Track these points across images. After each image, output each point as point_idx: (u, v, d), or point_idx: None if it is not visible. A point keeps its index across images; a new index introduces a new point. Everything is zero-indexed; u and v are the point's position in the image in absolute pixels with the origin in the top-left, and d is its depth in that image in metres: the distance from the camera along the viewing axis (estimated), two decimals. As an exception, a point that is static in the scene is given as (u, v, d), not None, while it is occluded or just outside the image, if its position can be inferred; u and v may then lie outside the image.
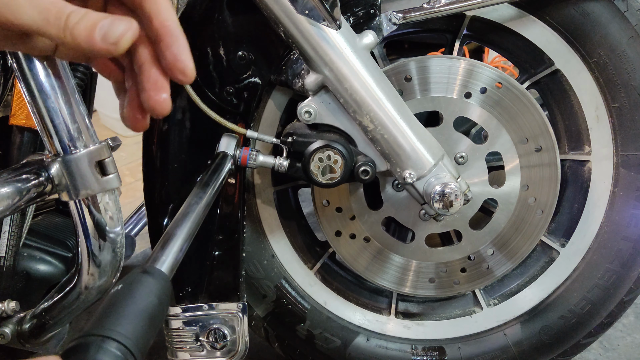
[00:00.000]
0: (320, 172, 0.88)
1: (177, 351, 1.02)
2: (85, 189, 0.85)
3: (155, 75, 0.48)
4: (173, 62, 0.45)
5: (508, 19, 0.98)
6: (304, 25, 0.80)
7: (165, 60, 0.45)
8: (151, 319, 0.42)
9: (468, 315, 1.15)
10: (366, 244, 1.06)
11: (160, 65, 0.48)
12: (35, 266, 1.08)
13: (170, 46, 0.45)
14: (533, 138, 0.98)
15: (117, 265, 0.93)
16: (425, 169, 0.88)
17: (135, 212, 1.58)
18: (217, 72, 0.92)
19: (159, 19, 0.45)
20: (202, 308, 1.01)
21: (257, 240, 1.11)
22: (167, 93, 0.48)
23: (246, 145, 0.94)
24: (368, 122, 0.85)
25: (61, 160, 0.84)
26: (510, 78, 0.96)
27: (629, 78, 0.96)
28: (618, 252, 1.05)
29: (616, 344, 1.35)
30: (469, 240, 1.04)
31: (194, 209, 0.65)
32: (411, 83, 0.96)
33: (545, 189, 1.01)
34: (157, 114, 0.48)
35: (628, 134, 1.00)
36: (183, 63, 0.45)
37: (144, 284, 0.45)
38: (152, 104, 0.48)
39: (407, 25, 0.99)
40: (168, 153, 0.96)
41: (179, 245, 0.56)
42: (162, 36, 0.45)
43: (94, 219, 0.87)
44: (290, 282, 1.13)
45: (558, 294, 1.10)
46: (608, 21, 0.94)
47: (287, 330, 1.14)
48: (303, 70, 0.89)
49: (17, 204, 0.79)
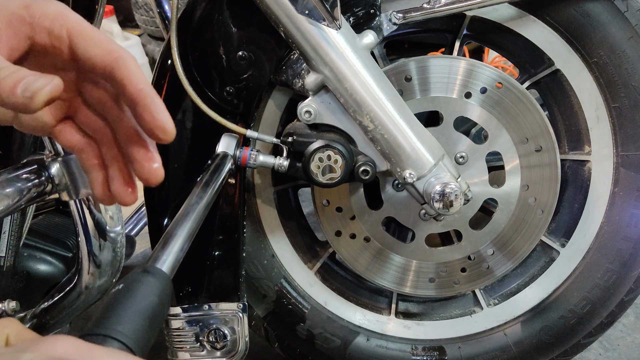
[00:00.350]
0: (320, 172, 0.88)
1: (177, 351, 1.02)
2: (85, 189, 0.85)
3: (147, 143, 0.48)
4: (152, 122, 0.45)
5: (508, 19, 0.98)
6: (304, 25, 0.80)
7: (144, 122, 0.46)
8: (152, 319, 0.42)
9: (468, 315, 1.15)
10: (366, 244, 1.06)
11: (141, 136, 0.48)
12: (36, 266, 1.08)
13: (147, 107, 0.45)
14: (533, 138, 0.98)
15: (117, 265, 0.93)
16: (425, 169, 0.88)
17: (135, 212, 1.58)
18: (217, 72, 0.92)
19: (132, 84, 0.45)
20: (202, 308, 1.01)
21: (257, 240, 1.11)
22: (159, 162, 0.49)
23: (246, 145, 0.94)
24: (368, 122, 0.85)
25: (61, 160, 0.84)
26: (510, 78, 0.96)
27: (629, 78, 0.96)
28: (618, 252, 1.05)
29: (616, 344, 1.35)
30: (469, 240, 1.04)
31: (194, 208, 0.65)
32: (411, 83, 0.96)
33: (545, 189, 1.01)
34: (151, 183, 0.48)
35: (628, 134, 1.00)
36: (162, 122, 0.45)
37: (145, 284, 0.45)
38: (146, 174, 0.48)
39: (407, 25, 0.99)
40: (168, 153, 0.96)
41: (179, 245, 0.56)
42: (138, 100, 0.45)
43: (94, 219, 0.87)
44: (290, 282, 1.13)
45: (558, 294, 1.10)
46: (608, 21, 0.94)
47: (287, 330, 1.14)
48: (303, 70, 0.89)
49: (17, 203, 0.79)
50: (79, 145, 0.52)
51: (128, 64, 0.46)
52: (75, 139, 0.52)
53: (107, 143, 0.52)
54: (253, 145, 0.99)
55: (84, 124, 0.52)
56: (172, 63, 0.88)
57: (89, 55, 0.46)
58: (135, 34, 2.92)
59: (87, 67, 0.47)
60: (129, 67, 0.46)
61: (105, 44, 0.46)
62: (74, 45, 0.46)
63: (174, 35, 0.87)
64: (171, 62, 0.89)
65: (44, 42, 0.46)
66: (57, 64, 0.48)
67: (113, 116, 0.50)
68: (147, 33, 2.98)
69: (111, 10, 2.62)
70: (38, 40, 0.46)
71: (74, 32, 0.46)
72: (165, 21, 1.21)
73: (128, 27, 3.18)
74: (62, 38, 0.46)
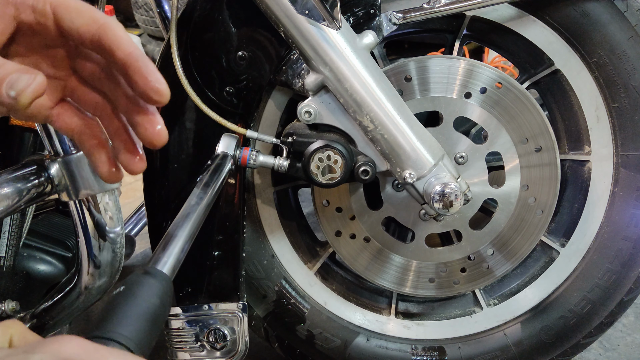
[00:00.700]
0: (320, 172, 0.88)
1: (177, 351, 1.02)
2: (85, 189, 0.85)
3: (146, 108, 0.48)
4: (145, 83, 0.45)
5: (508, 19, 0.98)
6: (304, 25, 0.80)
7: (137, 85, 0.45)
8: (153, 321, 0.42)
9: (468, 315, 1.15)
10: (366, 244, 1.06)
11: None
12: (35, 266, 1.08)
13: (139, 70, 0.45)
14: (533, 138, 0.98)
15: (117, 266, 0.93)
16: (425, 169, 0.88)
17: (135, 212, 1.58)
18: (217, 72, 0.92)
19: (121, 49, 0.45)
20: (202, 308, 1.01)
21: (257, 240, 1.11)
22: (161, 124, 0.49)
23: (246, 146, 0.94)
24: (368, 122, 0.85)
25: (61, 160, 0.84)
26: (510, 78, 0.96)
27: (628, 78, 0.96)
28: (618, 252, 1.05)
29: (616, 344, 1.35)
30: (469, 240, 1.04)
31: (195, 209, 0.65)
32: (411, 83, 0.96)
33: (545, 189, 1.01)
34: (156, 145, 0.48)
35: (628, 134, 1.00)
36: (155, 82, 0.45)
37: (146, 285, 0.45)
38: (150, 136, 0.48)
39: (407, 25, 0.99)
40: (168, 153, 0.96)
41: (180, 246, 0.55)
42: (129, 64, 0.45)
43: (93, 219, 0.87)
44: (290, 282, 1.13)
45: (558, 294, 1.10)
46: (608, 21, 0.94)
47: (287, 330, 1.14)
48: (303, 70, 0.89)
49: (17, 204, 0.79)
50: (77, 128, 0.51)
51: (115, 30, 0.46)
52: (74, 122, 0.51)
53: (107, 117, 0.51)
54: (253, 145, 0.99)
55: (82, 102, 0.52)
56: (172, 63, 0.88)
57: (75, 26, 0.46)
58: (135, 34, 2.92)
59: (75, 39, 0.47)
60: (115, 33, 0.45)
61: (89, 13, 0.46)
62: (59, 19, 0.46)
63: (173, 35, 0.87)
64: (171, 62, 0.89)
65: (29, 20, 0.46)
66: (46, 42, 0.48)
67: (109, 88, 0.50)
68: (147, 33, 2.98)
69: (111, 10, 2.62)
70: (24, 19, 0.46)
71: (57, 5, 0.45)
72: (165, 21, 1.21)
73: (128, 27, 3.18)
74: (46, 13, 0.46)
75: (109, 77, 0.50)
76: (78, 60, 0.50)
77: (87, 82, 0.51)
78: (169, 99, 0.46)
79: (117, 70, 0.48)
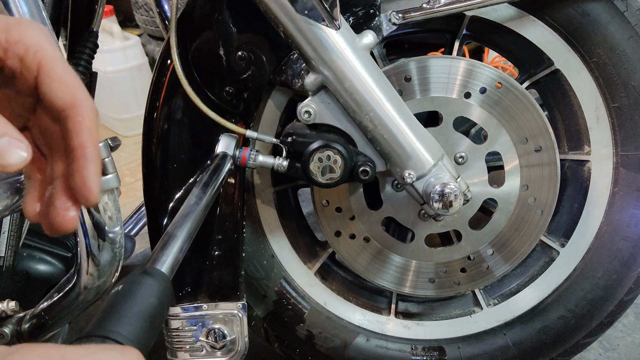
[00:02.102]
0: (319, 172, 0.88)
1: (177, 351, 1.02)
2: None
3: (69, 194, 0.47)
4: (80, 185, 0.44)
5: (508, 19, 0.98)
6: (303, 25, 0.80)
7: (74, 182, 0.45)
8: (152, 320, 0.42)
9: (468, 315, 1.15)
10: (366, 244, 1.06)
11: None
12: (35, 266, 1.08)
13: (81, 169, 0.44)
14: (533, 138, 0.98)
15: (116, 265, 0.93)
16: (424, 169, 0.88)
17: (135, 212, 1.58)
18: (216, 72, 0.92)
19: (79, 139, 0.45)
20: (201, 308, 1.01)
21: (256, 240, 1.11)
22: (77, 212, 0.47)
23: (246, 145, 0.94)
24: (368, 122, 0.85)
25: (61, 160, 0.84)
26: (509, 78, 0.96)
27: (628, 78, 0.96)
28: (618, 252, 1.05)
29: (616, 344, 1.35)
30: (469, 241, 1.04)
31: (194, 209, 0.65)
32: (411, 83, 0.96)
33: (545, 189, 1.01)
34: (59, 232, 0.46)
35: (628, 133, 1.00)
36: (88, 190, 0.44)
37: (145, 285, 0.45)
38: (60, 220, 0.46)
39: (407, 25, 0.99)
40: (168, 153, 0.95)
41: (179, 246, 0.56)
42: (77, 157, 0.45)
43: (92, 219, 0.87)
44: (290, 282, 1.13)
45: (558, 294, 1.10)
46: (607, 21, 0.94)
47: (287, 330, 1.14)
48: (303, 70, 0.89)
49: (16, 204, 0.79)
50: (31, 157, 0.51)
51: (84, 117, 0.45)
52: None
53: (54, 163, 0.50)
54: (252, 145, 0.99)
55: (36, 140, 0.51)
56: (171, 63, 0.88)
57: (50, 95, 0.45)
58: (135, 34, 2.92)
59: (45, 101, 0.46)
60: (84, 120, 0.45)
61: (71, 90, 0.45)
62: (39, 81, 0.45)
63: (173, 35, 0.87)
64: (171, 62, 0.89)
65: (14, 67, 0.45)
66: (21, 89, 0.47)
67: (57, 150, 0.49)
68: (147, 33, 2.99)
69: (111, 10, 2.61)
70: (9, 64, 0.45)
71: (43, 68, 0.45)
72: (165, 21, 1.21)
73: (128, 27, 3.17)
74: (31, 69, 0.45)
75: (60, 143, 0.48)
76: (41, 112, 0.49)
77: (41, 131, 0.50)
78: (95, 205, 0.45)
79: (66, 150, 0.47)
